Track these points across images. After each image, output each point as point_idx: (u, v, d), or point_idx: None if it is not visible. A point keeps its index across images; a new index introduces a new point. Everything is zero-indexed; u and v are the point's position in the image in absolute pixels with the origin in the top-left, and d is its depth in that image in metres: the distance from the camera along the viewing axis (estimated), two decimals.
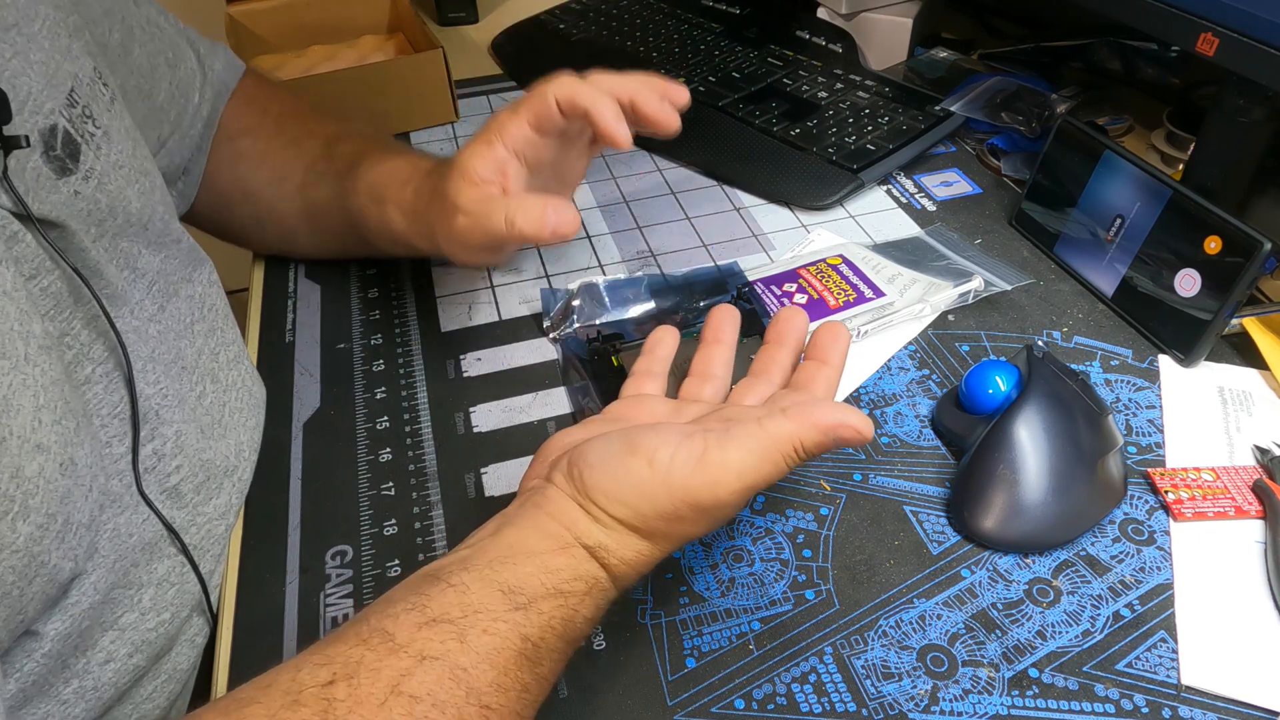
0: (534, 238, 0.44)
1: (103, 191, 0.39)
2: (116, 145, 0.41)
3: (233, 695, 0.30)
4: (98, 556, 0.37)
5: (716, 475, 0.33)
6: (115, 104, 0.42)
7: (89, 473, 0.35)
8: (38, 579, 0.33)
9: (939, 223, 0.65)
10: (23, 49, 0.36)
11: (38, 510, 0.32)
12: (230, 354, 0.49)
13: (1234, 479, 0.46)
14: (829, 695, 0.39)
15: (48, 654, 0.35)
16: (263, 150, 0.58)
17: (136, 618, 0.40)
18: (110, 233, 0.40)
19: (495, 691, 0.31)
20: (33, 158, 0.36)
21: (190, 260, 0.48)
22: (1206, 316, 0.51)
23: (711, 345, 0.44)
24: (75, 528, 0.34)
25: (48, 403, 0.33)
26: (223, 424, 0.46)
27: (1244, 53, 0.52)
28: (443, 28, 0.95)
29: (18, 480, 0.31)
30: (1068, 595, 0.42)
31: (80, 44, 0.41)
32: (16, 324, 0.33)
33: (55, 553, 0.33)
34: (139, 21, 0.50)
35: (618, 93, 0.46)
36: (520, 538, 0.34)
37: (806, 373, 0.41)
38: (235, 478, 0.47)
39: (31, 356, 0.33)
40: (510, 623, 0.32)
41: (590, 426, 0.40)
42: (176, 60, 0.54)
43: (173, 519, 0.42)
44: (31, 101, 0.36)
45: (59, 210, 0.36)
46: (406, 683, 0.29)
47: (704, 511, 0.34)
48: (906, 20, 0.82)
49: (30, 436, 0.32)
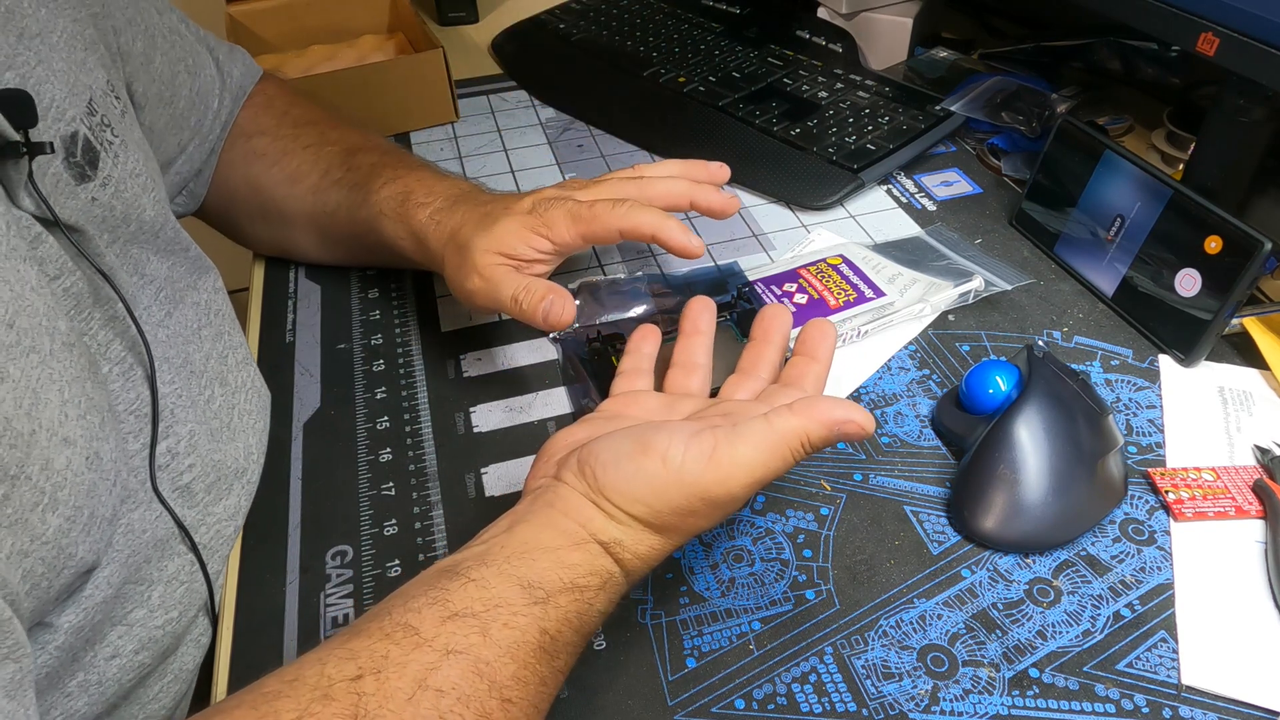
0: (528, 320, 0.46)
1: (119, 199, 0.40)
2: (132, 154, 0.42)
3: (258, 689, 0.30)
4: (112, 550, 0.37)
5: (728, 471, 0.34)
6: (126, 115, 0.43)
7: (113, 467, 0.36)
8: (65, 571, 0.33)
9: (939, 223, 0.65)
10: (46, 57, 0.37)
11: (66, 503, 0.32)
12: (238, 357, 0.50)
13: (1234, 479, 0.46)
14: (829, 695, 0.39)
15: (60, 646, 0.35)
16: (279, 151, 0.58)
17: (145, 614, 0.40)
18: (123, 239, 0.41)
19: (516, 685, 0.31)
20: (54, 163, 0.37)
21: (196, 268, 0.48)
22: (1207, 316, 0.51)
23: (692, 336, 0.45)
24: (99, 521, 0.35)
25: (72, 397, 0.34)
26: (232, 426, 0.47)
27: (1244, 53, 0.52)
28: (443, 28, 0.95)
29: (47, 472, 0.32)
30: (1068, 595, 0.42)
31: (95, 57, 0.42)
32: (44, 319, 0.33)
33: (82, 545, 0.34)
34: (161, 30, 0.51)
35: (675, 199, 0.50)
36: (535, 534, 0.35)
37: (797, 369, 0.42)
38: (244, 480, 0.47)
39: (56, 352, 0.34)
40: (530, 617, 0.32)
41: (590, 425, 0.40)
42: (196, 67, 0.54)
43: (184, 518, 0.42)
44: (55, 108, 0.37)
45: (77, 215, 0.37)
46: (433, 677, 0.30)
47: (716, 505, 0.35)
48: (906, 20, 0.82)
49: (58, 430, 0.32)
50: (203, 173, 0.58)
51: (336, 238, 0.58)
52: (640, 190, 0.50)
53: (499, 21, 0.92)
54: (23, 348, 0.32)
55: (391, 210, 0.52)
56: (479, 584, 0.33)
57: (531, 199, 0.49)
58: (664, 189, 0.50)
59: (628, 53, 0.83)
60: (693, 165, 0.53)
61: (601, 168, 0.72)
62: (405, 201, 0.52)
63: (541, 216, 0.47)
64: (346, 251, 0.60)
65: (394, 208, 0.52)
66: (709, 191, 0.50)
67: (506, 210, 0.48)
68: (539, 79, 0.83)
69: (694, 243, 0.44)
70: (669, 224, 0.45)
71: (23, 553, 0.31)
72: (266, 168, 0.58)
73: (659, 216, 0.45)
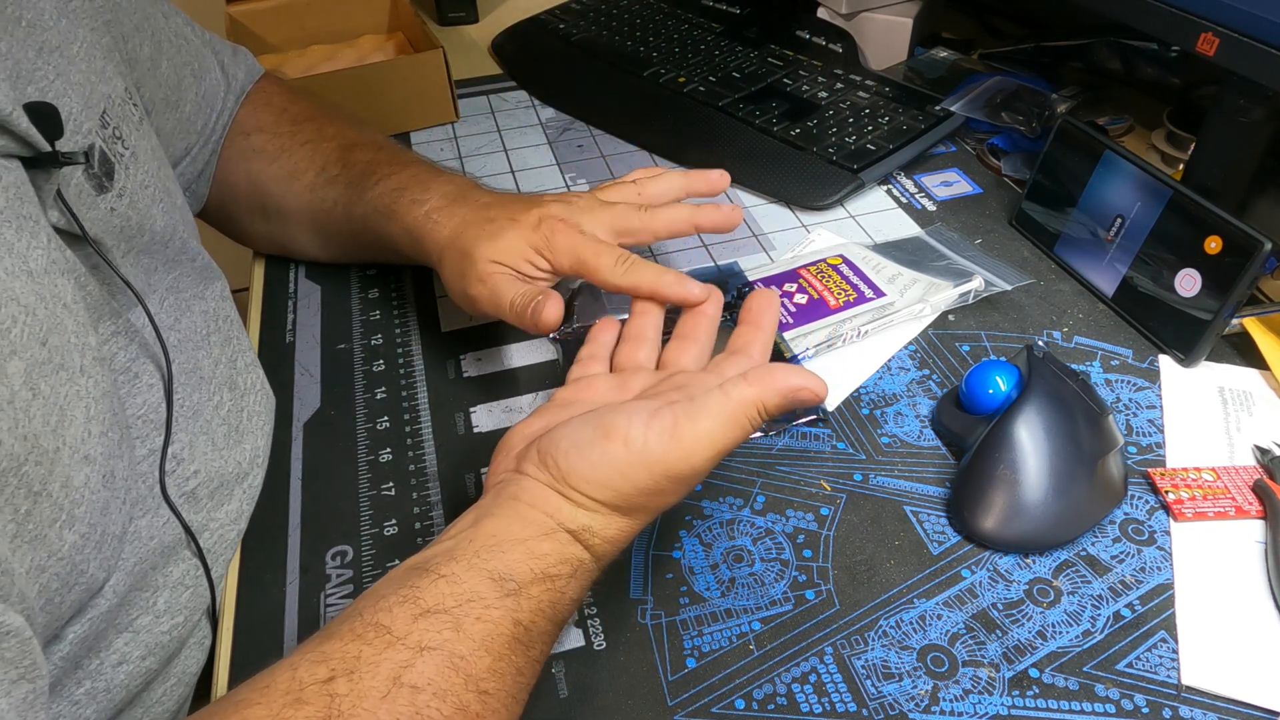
0: (522, 325, 0.46)
1: (134, 209, 0.41)
2: (143, 165, 0.42)
3: (230, 698, 0.30)
4: (120, 560, 0.37)
5: (690, 446, 0.35)
6: (143, 124, 0.43)
7: (124, 485, 0.36)
8: (76, 587, 0.33)
9: (939, 223, 0.65)
10: (64, 70, 0.37)
11: (82, 520, 0.33)
12: (245, 361, 0.50)
13: (1234, 479, 0.46)
14: (829, 695, 0.39)
15: (65, 656, 0.36)
16: (276, 148, 0.58)
17: (151, 620, 0.40)
18: (135, 249, 0.41)
19: (492, 676, 0.32)
20: (76, 175, 0.37)
21: (204, 276, 0.48)
22: (1207, 316, 0.51)
23: (641, 316, 0.45)
24: (110, 539, 0.35)
25: (97, 414, 0.34)
26: (239, 430, 0.47)
27: (1244, 53, 0.52)
28: (443, 28, 0.95)
29: (67, 490, 0.32)
30: (1068, 595, 0.42)
31: (113, 65, 0.42)
32: (74, 336, 0.33)
33: (94, 563, 0.34)
34: (168, 35, 0.51)
35: (680, 226, 0.51)
36: (503, 527, 0.35)
37: (743, 337, 0.42)
38: (247, 484, 0.47)
39: (86, 368, 0.34)
40: (503, 609, 0.33)
41: (546, 415, 0.41)
42: (202, 71, 0.55)
43: (190, 523, 0.42)
44: (73, 121, 0.37)
45: (97, 226, 0.38)
46: (407, 674, 0.30)
47: (680, 480, 0.36)
48: (906, 20, 0.82)
49: (80, 448, 0.33)
50: (204, 173, 0.58)
51: (334, 234, 0.58)
52: (645, 224, 0.50)
53: (499, 21, 0.92)
54: (53, 365, 0.32)
55: (385, 207, 0.52)
56: (449, 579, 0.33)
57: (538, 213, 0.48)
58: (668, 220, 0.50)
59: (628, 53, 0.83)
60: (694, 178, 0.53)
61: (601, 168, 0.72)
62: (400, 198, 0.52)
63: (547, 240, 0.47)
64: (344, 248, 0.60)
65: (388, 204, 0.52)
66: (710, 212, 0.51)
67: (512, 222, 0.48)
68: (539, 79, 0.83)
69: (692, 291, 0.45)
70: (665, 279, 0.45)
71: (40, 568, 0.31)
72: (265, 164, 0.58)
73: (656, 274, 0.45)
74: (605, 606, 0.42)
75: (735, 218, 0.51)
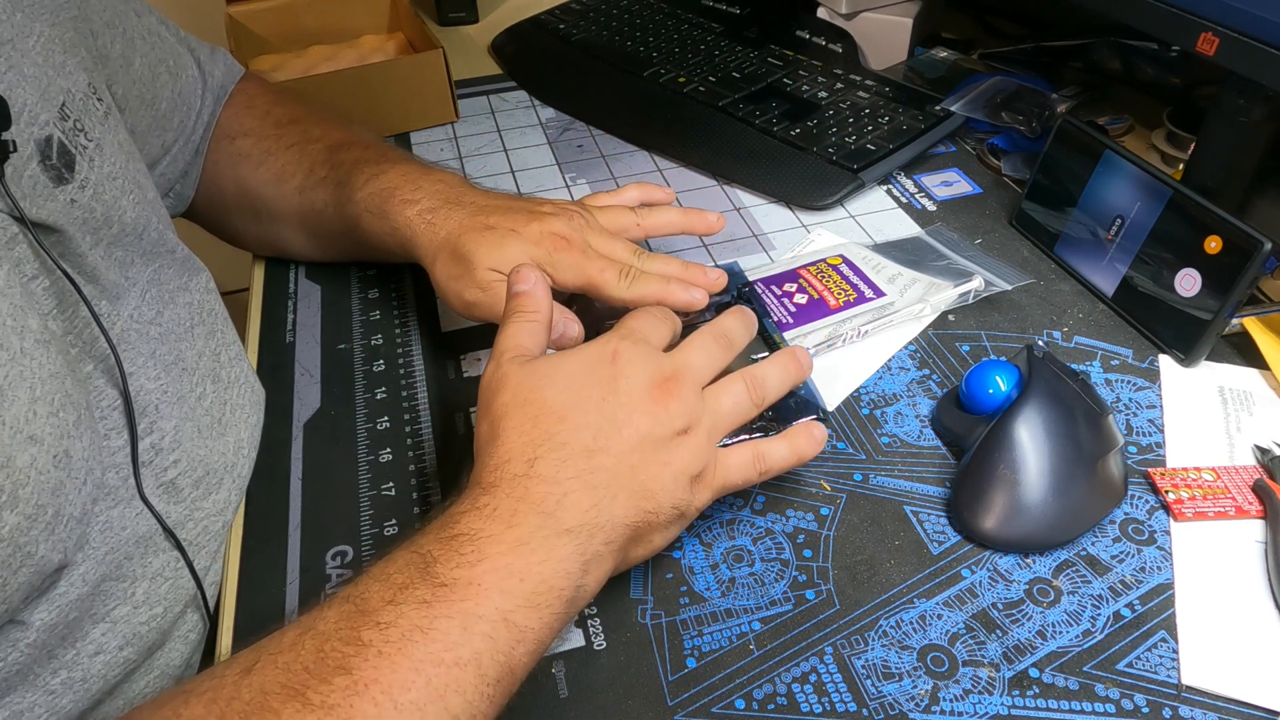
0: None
1: (98, 201, 0.40)
2: (109, 157, 0.42)
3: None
4: (88, 548, 0.37)
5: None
6: (110, 118, 0.43)
7: (84, 466, 0.36)
8: (23, 569, 0.33)
9: (939, 223, 0.65)
10: (16, 63, 0.37)
11: (27, 501, 0.33)
12: (231, 353, 0.50)
13: (1234, 479, 0.46)
14: (829, 695, 0.39)
15: (33, 644, 0.36)
16: (263, 152, 0.58)
17: (129, 611, 0.40)
18: (106, 240, 0.41)
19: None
20: (30, 166, 0.37)
21: (185, 270, 0.48)
22: (1207, 316, 0.51)
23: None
24: (66, 520, 0.35)
25: (44, 395, 0.34)
26: (223, 422, 0.47)
27: (1244, 53, 0.52)
28: (443, 28, 0.95)
29: (7, 470, 0.32)
30: (1068, 595, 0.42)
31: (76, 60, 0.42)
32: (9, 319, 0.33)
33: (44, 544, 0.34)
34: (140, 32, 0.51)
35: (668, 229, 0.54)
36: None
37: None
38: (234, 474, 0.47)
39: (28, 350, 0.34)
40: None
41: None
42: (178, 69, 0.54)
43: (169, 514, 0.42)
44: (27, 113, 0.37)
45: (56, 216, 0.38)
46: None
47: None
48: (906, 20, 0.82)
49: (24, 428, 0.33)
50: (189, 174, 0.58)
51: (326, 235, 0.58)
52: (636, 222, 0.53)
53: (499, 21, 0.92)
54: None
55: (375, 207, 0.52)
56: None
57: (539, 228, 0.48)
58: (655, 218, 0.54)
59: (628, 53, 0.83)
60: (693, 218, 0.54)
61: (601, 168, 0.72)
62: (391, 198, 0.52)
63: (549, 256, 0.47)
64: (338, 248, 0.60)
65: (379, 204, 0.52)
66: (695, 222, 0.53)
67: (514, 234, 0.48)
68: (539, 79, 0.83)
69: (696, 297, 0.46)
70: (670, 288, 0.46)
71: None
72: (252, 169, 0.58)
73: (660, 285, 0.47)
74: (605, 606, 0.42)
75: (718, 225, 0.53)
